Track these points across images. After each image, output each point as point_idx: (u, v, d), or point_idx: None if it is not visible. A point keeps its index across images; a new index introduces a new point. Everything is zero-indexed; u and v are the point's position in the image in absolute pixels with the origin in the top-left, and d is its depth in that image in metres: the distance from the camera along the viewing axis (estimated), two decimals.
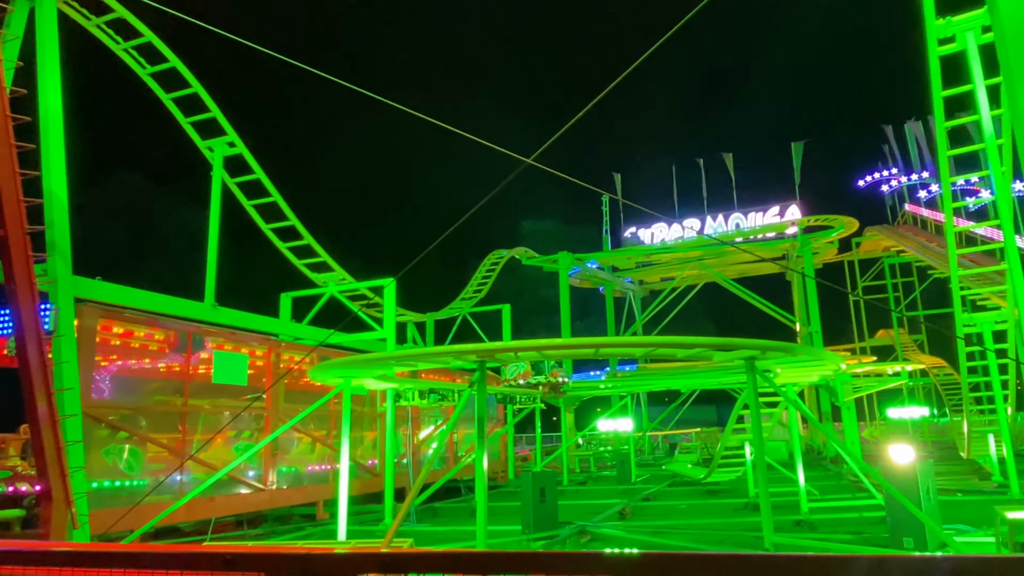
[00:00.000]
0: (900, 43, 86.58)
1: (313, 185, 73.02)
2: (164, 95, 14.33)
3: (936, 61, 11.40)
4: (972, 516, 11.43)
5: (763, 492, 7.93)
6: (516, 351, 7.73)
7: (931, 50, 11.39)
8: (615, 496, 17.09)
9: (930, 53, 11.41)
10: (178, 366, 12.48)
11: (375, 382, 11.37)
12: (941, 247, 30.68)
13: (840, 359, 9.23)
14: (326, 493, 14.51)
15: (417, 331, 25.42)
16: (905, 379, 21.58)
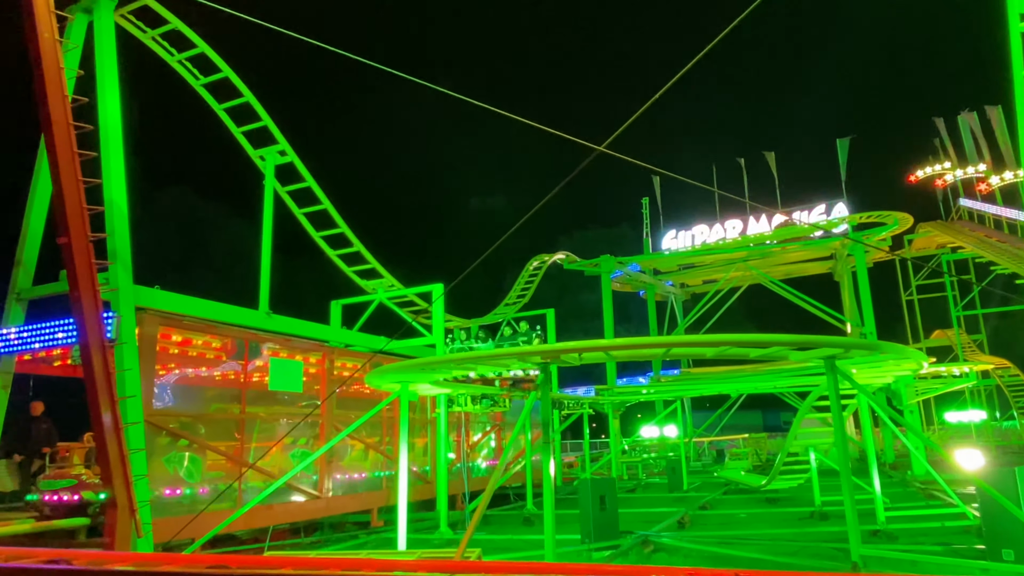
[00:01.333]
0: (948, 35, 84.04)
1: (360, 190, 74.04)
2: (217, 105, 14.49)
3: (1018, 37, 10.77)
4: None
5: (848, 500, 7.48)
6: (582, 351, 7.45)
7: (1012, 26, 10.76)
8: (669, 504, 16.65)
9: (1011, 29, 10.79)
10: (234, 373, 12.52)
11: (429, 387, 11.22)
12: (1001, 241, 29.43)
13: (924, 357, 8.72)
14: (380, 500, 14.41)
15: (463, 336, 25.31)
16: (973, 380, 20.63)
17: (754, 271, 31.85)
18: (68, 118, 8.42)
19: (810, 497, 13.67)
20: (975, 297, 35.50)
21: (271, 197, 14.22)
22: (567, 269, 30.69)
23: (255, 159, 14.80)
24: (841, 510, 12.68)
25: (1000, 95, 33.45)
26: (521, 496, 17.69)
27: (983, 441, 29.69)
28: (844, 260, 31.01)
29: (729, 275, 32.06)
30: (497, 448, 19.13)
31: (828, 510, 12.97)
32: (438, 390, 11.84)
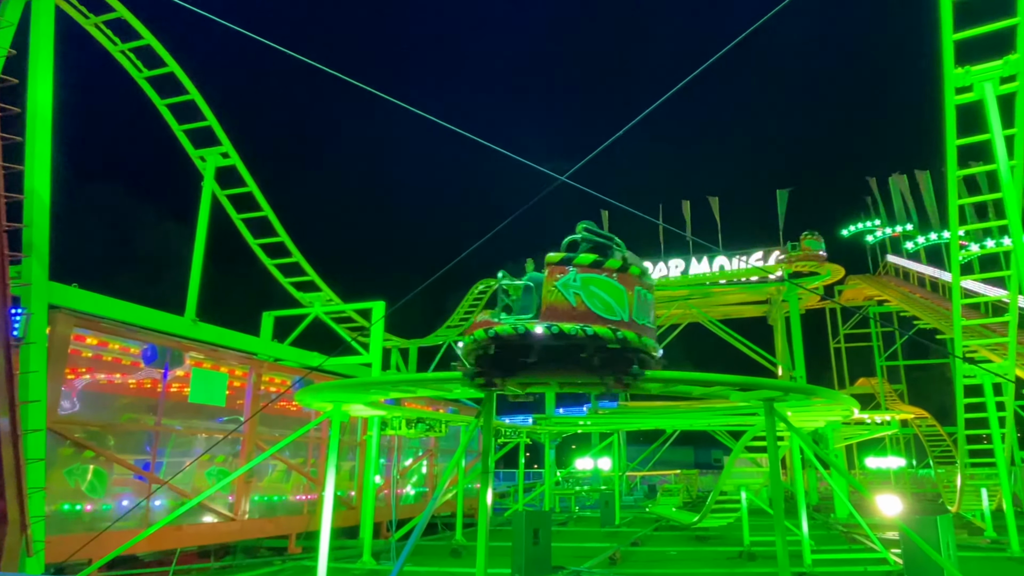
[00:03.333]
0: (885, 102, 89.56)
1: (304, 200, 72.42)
2: (159, 101, 13.85)
3: (952, 110, 11.42)
4: (975, 573, 11.09)
5: (780, 542, 7.45)
6: (526, 381, 7.24)
7: (948, 98, 11.41)
8: (600, 539, 16.47)
9: (946, 101, 11.43)
10: (151, 382, 11.76)
11: (364, 408, 10.76)
12: (925, 298, 31.02)
13: (856, 404, 8.90)
14: (300, 525, 13.69)
15: (401, 357, 24.72)
16: (895, 428, 21.44)
17: (694, 310, 32.54)
18: None
19: (739, 536, 13.73)
20: (898, 349, 37.23)
21: (208, 200, 13.60)
22: None
23: (195, 159, 14.16)
24: (768, 550, 12.82)
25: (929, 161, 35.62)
26: (449, 526, 17.18)
27: (900, 487, 30.82)
28: (779, 305, 32.09)
29: (670, 312, 32.61)
30: (428, 475, 18.59)
31: (756, 550, 13.04)
32: (372, 412, 11.39)
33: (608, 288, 5.98)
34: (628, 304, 5.99)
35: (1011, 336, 13.24)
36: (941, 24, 10.94)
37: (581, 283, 5.93)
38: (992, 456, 14.10)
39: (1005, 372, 13.41)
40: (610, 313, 5.87)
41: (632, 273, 6.15)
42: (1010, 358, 13.36)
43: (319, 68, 7.82)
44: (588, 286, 5.95)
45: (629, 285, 6.09)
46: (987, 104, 11.39)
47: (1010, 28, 10.76)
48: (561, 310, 5.86)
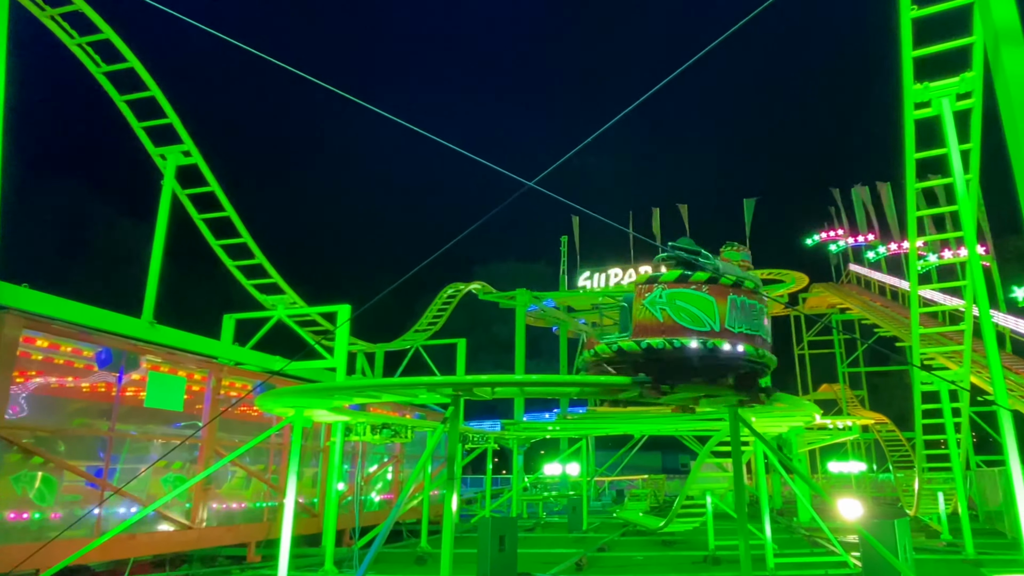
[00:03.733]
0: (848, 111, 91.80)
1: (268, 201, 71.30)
2: (118, 97, 13.46)
3: (911, 124, 11.69)
4: (931, 575, 11.31)
5: (743, 546, 7.48)
6: (496, 385, 7.16)
7: (907, 113, 11.68)
8: (568, 545, 16.42)
9: (906, 116, 11.70)
10: (105, 386, 11.35)
11: (327, 414, 10.55)
12: (885, 306, 31.80)
13: (817, 410, 9.01)
14: (259, 533, 13.36)
15: (367, 361, 24.39)
16: (856, 433, 21.86)
17: None
18: None
19: (705, 540, 13.82)
20: (859, 356, 38.07)
21: (168, 199, 13.24)
22: (482, 300, 30.47)
23: (155, 158, 13.78)
24: (732, 554, 12.90)
25: (890, 173, 36.58)
26: (414, 533, 16.98)
27: (861, 491, 31.45)
28: None
29: None
30: (394, 481, 18.34)
31: (720, 554, 13.12)
32: (336, 417, 11.17)
33: (695, 300, 6.26)
34: (719, 314, 6.23)
35: (966, 344, 13.57)
36: (901, 41, 11.19)
37: (667, 299, 6.32)
38: (948, 461, 14.43)
39: (960, 379, 13.74)
40: (698, 324, 6.17)
41: (724, 283, 6.37)
42: (965, 366, 13.69)
43: (286, 68, 7.65)
44: (674, 300, 6.29)
45: (721, 295, 6.31)
46: (944, 119, 11.69)
47: (967, 46, 11.05)
48: (649, 326, 6.23)
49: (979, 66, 11.00)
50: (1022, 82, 6.32)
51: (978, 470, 21.52)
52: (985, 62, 9.90)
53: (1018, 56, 6.46)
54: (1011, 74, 6.37)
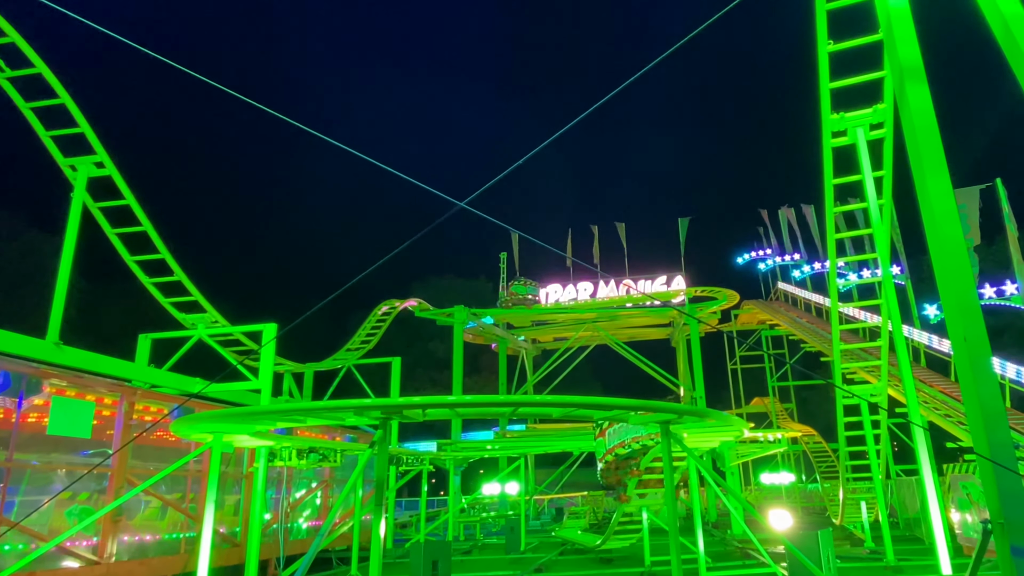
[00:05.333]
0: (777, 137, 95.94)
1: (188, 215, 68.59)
2: (23, 103, 12.62)
3: (829, 152, 12.21)
4: None
5: (675, 560, 7.46)
6: (426, 407, 6.92)
7: (825, 141, 12.19)
8: (505, 567, 16.13)
9: (824, 144, 12.21)
10: (3, 412, 10.49)
11: (249, 439, 10.02)
12: (810, 323, 33.05)
13: (746, 425, 9.14)
14: (176, 566, 12.56)
15: (295, 382, 23.52)
16: (785, 446, 22.49)
17: (601, 332, 33.22)
18: None
19: (642, 556, 13.82)
20: (788, 370, 39.44)
21: (78, 212, 12.44)
22: (419, 317, 30.05)
23: (64, 169, 12.96)
24: (668, 569, 12.93)
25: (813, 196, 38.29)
26: (345, 560, 16.35)
27: (792, 501, 32.37)
28: (680, 328, 33.27)
29: (578, 334, 33.14)
30: (323, 507, 17.67)
31: (656, 570, 13.15)
32: (259, 442, 10.63)
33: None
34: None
35: (883, 359, 14.16)
36: (819, 72, 11.67)
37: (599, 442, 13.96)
38: (870, 471, 14.95)
39: (878, 393, 14.30)
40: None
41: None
42: (883, 380, 14.26)
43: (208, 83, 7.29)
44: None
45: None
46: (859, 147, 12.27)
47: (879, 79, 11.63)
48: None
49: (890, 98, 11.60)
50: (924, 115, 6.69)
51: (898, 479, 22.45)
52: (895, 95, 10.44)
53: (921, 92, 6.83)
54: (915, 108, 6.72)
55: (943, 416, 17.73)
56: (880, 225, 12.27)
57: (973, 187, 21.96)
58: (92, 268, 13.88)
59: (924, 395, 19.22)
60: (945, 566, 11.03)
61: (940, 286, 6.02)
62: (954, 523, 14.78)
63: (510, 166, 7.14)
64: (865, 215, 16.00)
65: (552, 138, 7.57)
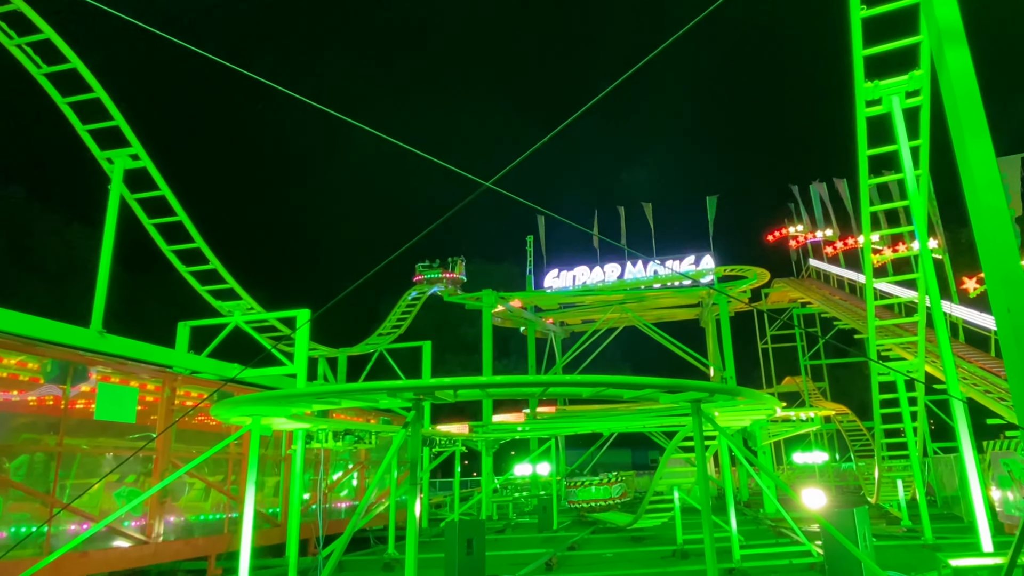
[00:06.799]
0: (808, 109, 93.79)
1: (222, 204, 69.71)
2: (60, 99, 12.94)
3: (863, 122, 11.89)
4: (891, 561, 11.49)
5: (708, 539, 7.48)
6: (457, 388, 7.03)
7: (859, 111, 11.87)
8: (538, 545, 16.34)
9: (858, 114, 11.89)
10: (53, 399, 10.90)
11: (286, 422, 10.28)
12: (844, 300, 32.48)
13: (778, 403, 9.08)
14: (220, 546, 13.00)
15: (329, 367, 23.95)
16: (818, 424, 22.25)
17: (629, 313, 33.04)
18: None
19: (673, 535, 13.88)
20: (820, 348, 38.87)
21: (116, 204, 12.77)
22: (447, 301, 30.26)
23: (102, 161, 13.29)
24: (700, 548, 12.95)
25: (846, 169, 37.41)
26: (382, 539, 16.71)
27: (825, 481, 32.07)
28: (709, 308, 32.95)
29: (606, 316, 33.03)
30: (359, 487, 18.04)
31: (688, 548, 13.20)
32: (296, 424, 10.90)
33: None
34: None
35: (920, 335, 13.89)
36: (852, 40, 11.37)
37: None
38: (906, 449, 14.76)
39: (915, 370, 14.05)
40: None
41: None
42: (920, 356, 14.01)
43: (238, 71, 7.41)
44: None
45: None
46: (894, 116, 11.93)
47: (915, 45, 11.28)
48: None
49: (926, 64, 11.25)
50: (965, 79, 6.46)
51: (935, 457, 22.10)
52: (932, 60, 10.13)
53: (960, 55, 6.60)
54: (954, 72, 6.50)
55: (983, 392, 17.36)
56: (917, 196, 11.97)
57: (1015, 155, 21.25)
58: (131, 259, 14.32)
59: (963, 371, 18.82)
60: (986, 544, 10.88)
61: (982, 257, 5.89)
62: (995, 501, 14.53)
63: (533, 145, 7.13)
64: (901, 187, 15.63)
65: (574, 116, 7.52)
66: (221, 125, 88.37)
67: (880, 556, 11.56)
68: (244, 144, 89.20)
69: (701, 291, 31.76)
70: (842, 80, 12.26)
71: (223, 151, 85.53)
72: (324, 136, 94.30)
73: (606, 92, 7.61)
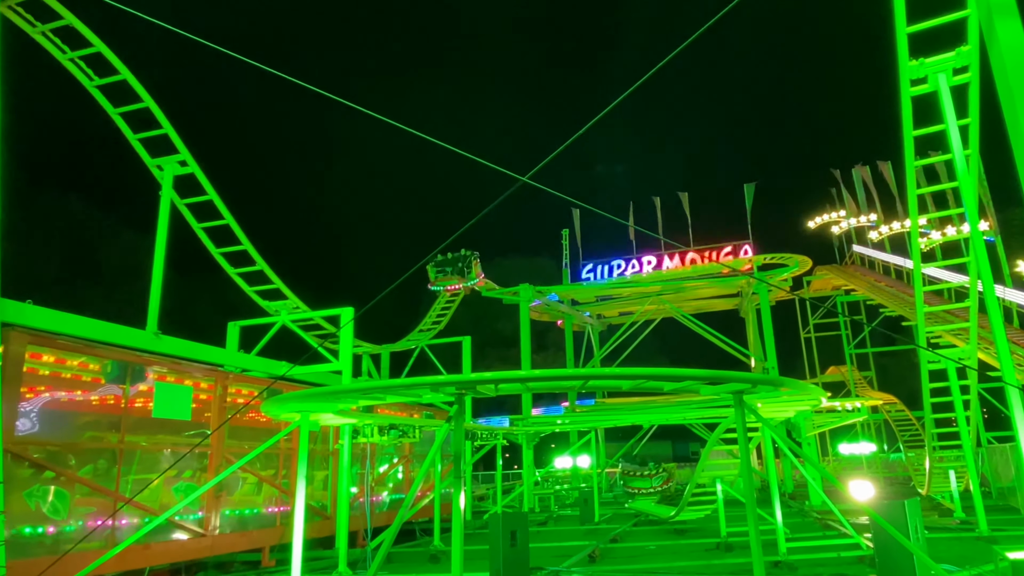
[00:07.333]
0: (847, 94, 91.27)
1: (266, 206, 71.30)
2: (112, 109, 13.48)
3: (908, 101, 11.57)
4: (945, 554, 11.26)
5: (753, 532, 7.47)
6: (498, 382, 7.16)
7: (903, 90, 11.56)
8: (580, 537, 16.45)
9: (902, 93, 11.58)
10: (114, 399, 11.41)
11: (333, 417, 10.57)
12: (890, 286, 31.63)
13: (824, 393, 8.97)
14: (273, 538, 13.44)
15: (372, 363, 24.42)
16: (864, 415, 21.79)
17: (667, 305, 32.78)
18: None
19: (716, 528, 13.82)
20: (866, 337, 37.94)
21: (167, 209, 13.27)
22: (485, 296, 30.48)
23: (152, 169, 13.81)
24: (745, 540, 12.91)
25: (890, 151, 36.34)
26: (428, 531, 17.02)
27: (872, 472, 31.40)
28: (749, 298, 32.45)
29: (644, 308, 32.82)
30: (404, 481, 18.40)
31: (732, 541, 13.13)
32: (343, 420, 11.20)
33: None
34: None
35: (972, 321, 13.50)
36: (895, 16, 11.07)
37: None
38: (959, 438, 14.38)
39: (967, 357, 13.67)
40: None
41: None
42: (972, 343, 13.62)
43: (277, 74, 7.64)
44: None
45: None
46: (941, 95, 11.57)
47: (962, 20, 10.94)
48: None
49: (975, 39, 10.89)
50: (1017, 53, 6.26)
51: (989, 447, 21.45)
52: (981, 35, 9.81)
53: (1013, 28, 6.39)
54: (1006, 46, 6.31)
55: None
56: (967, 177, 11.61)
57: None
58: (182, 262, 14.83)
59: (1018, 357, 18.21)
60: None
61: None
62: None
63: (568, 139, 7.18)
64: (948, 168, 15.17)
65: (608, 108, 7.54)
66: (262, 127, 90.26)
67: (933, 549, 11.32)
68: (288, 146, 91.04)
69: (740, 280, 31.32)
70: (885, 60, 11.96)
71: (265, 153, 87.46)
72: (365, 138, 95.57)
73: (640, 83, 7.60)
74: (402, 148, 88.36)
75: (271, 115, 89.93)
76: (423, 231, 76.99)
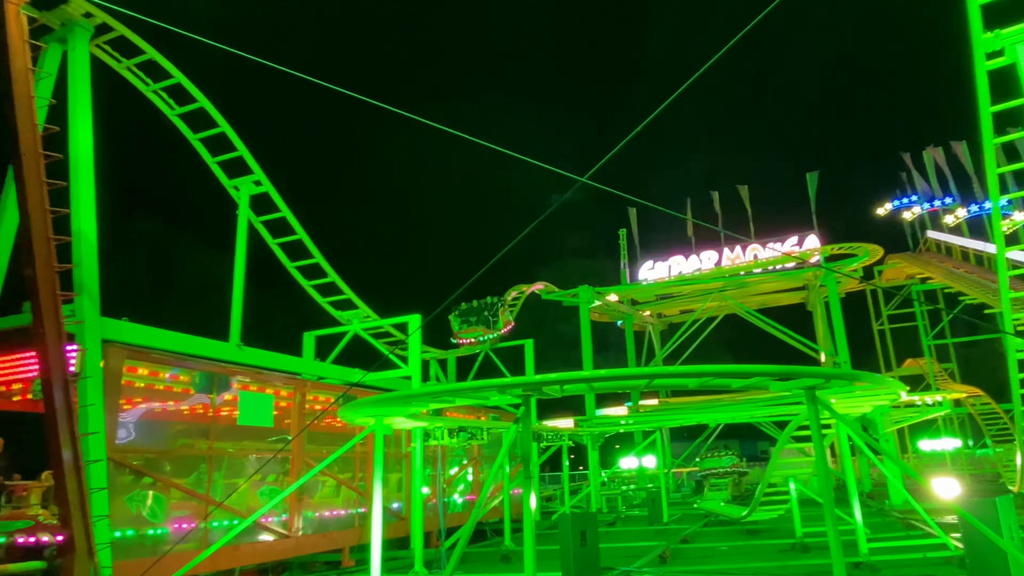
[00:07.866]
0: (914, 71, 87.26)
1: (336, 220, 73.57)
2: (192, 135, 14.33)
3: (984, 76, 11.09)
4: None
5: (832, 531, 7.35)
6: (564, 383, 7.32)
7: (978, 64, 11.08)
8: (649, 537, 16.40)
9: (977, 68, 11.11)
10: (202, 408, 12.14)
11: (405, 421, 10.95)
12: (969, 272, 30.11)
13: (903, 387, 8.72)
14: (352, 539, 13.97)
15: (440, 368, 24.96)
16: (947, 409, 20.85)
17: (729, 301, 32.13)
18: (38, 147, 8.24)
19: (790, 528, 13.55)
20: (945, 327, 36.14)
21: (245, 227, 14.02)
22: (545, 299, 30.64)
23: (229, 189, 14.61)
24: (822, 541, 12.61)
25: (964, 130, 34.59)
26: (498, 532, 17.30)
27: (957, 469, 29.93)
28: (817, 291, 31.45)
29: (705, 305, 32.29)
30: (474, 482, 18.76)
31: (809, 541, 12.85)
32: (414, 423, 11.58)
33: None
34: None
35: None
36: None
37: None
38: None
39: None
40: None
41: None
42: None
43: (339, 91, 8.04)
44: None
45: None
46: (1020, 67, 11.02)
47: None
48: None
49: None
50: None
51: None
52: None
53: None
54: None
55: None
56: None
57: None
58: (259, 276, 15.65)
59: None
60: None
61: None
62: None
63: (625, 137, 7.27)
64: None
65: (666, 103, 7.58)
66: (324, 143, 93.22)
67: None
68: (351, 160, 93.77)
69: (807, 273, 30.38)
70: (956, 33, 11.50)
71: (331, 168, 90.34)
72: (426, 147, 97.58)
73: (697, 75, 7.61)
74: (463, 157, 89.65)
75: (335, 129, 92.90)
76: (485, 236, 77.90)
